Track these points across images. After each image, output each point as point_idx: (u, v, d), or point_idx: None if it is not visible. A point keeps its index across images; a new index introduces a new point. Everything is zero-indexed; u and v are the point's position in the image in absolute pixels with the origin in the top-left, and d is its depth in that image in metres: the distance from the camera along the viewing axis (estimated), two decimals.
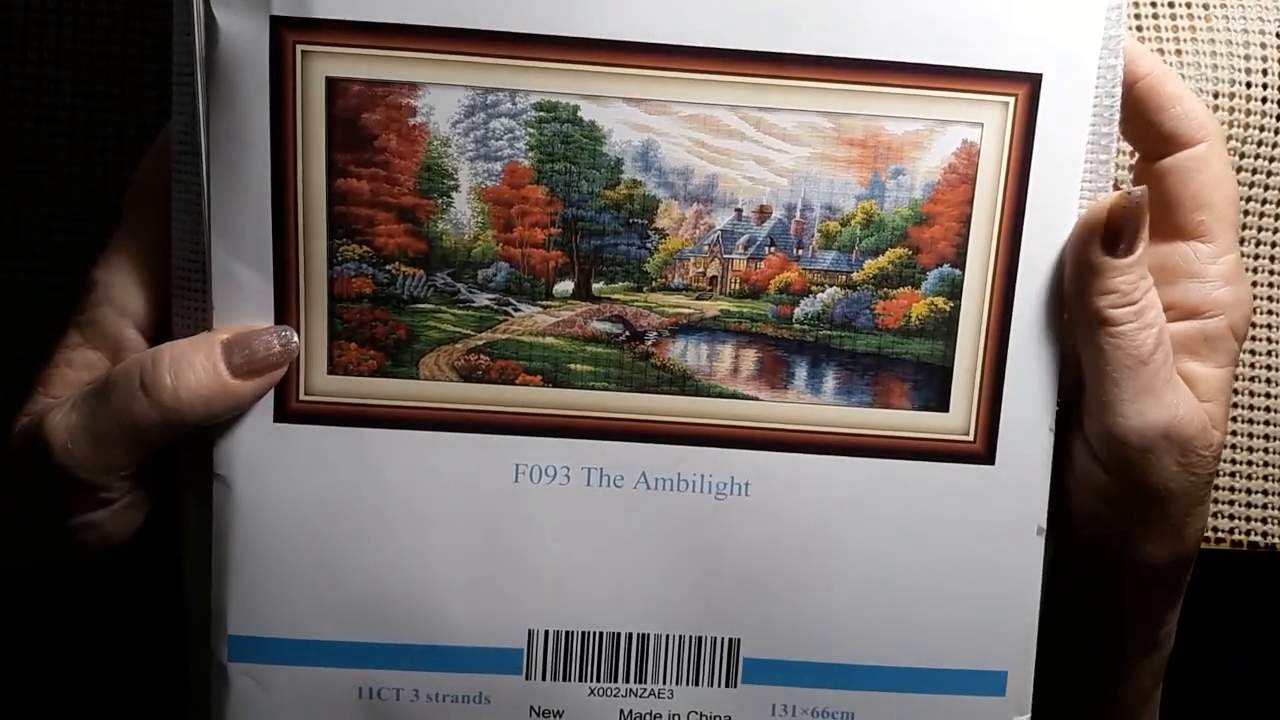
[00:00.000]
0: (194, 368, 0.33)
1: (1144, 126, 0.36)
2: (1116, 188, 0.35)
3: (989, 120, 0.34)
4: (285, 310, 0.35)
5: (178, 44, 0.34)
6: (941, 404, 0.36)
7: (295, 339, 0.34)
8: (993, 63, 0.34)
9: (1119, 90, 0.35)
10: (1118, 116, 0.35)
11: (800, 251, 0.35)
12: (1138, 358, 0.34)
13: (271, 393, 0.35)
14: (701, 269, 0.35)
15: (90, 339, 0.35)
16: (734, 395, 0.36)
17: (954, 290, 0.35)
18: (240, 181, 0.34)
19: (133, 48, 0.43)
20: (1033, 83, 0.34)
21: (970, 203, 0.35)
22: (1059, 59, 0.34)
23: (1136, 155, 0.42)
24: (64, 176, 0.43)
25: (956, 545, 0.36)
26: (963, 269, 0.35)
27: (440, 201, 0.34)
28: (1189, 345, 0.36)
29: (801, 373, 0.36)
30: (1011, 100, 0.34)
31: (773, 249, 0.35)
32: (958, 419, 0.36)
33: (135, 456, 0.34)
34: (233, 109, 0.33)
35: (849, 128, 0.34)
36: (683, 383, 0.36)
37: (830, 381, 0.36)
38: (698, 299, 0.35)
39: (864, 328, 0.35)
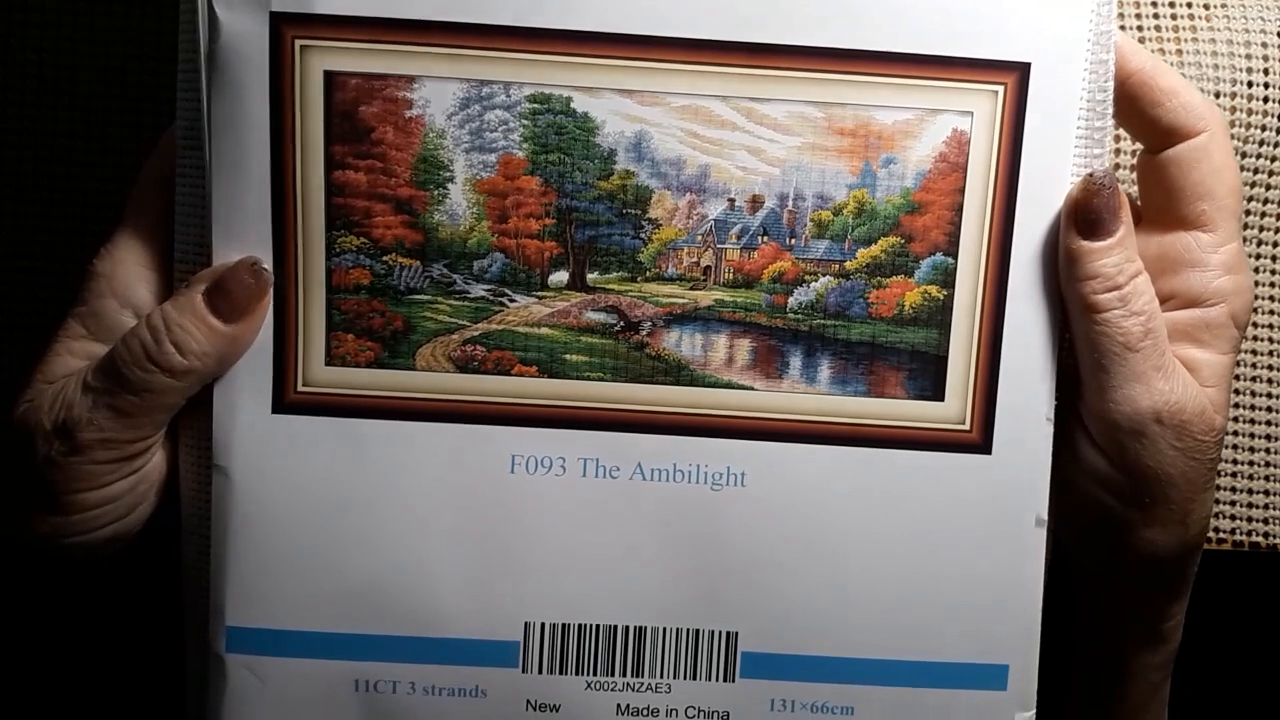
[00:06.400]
0: (189, 332, 0.34)
1: (1142, 121, 0.36)
2: None
3: (979, 109, 0.34)
4: (283, 301, 0.35)
5: (182, 41, 0.35)
6: (937, 393, 0.36)
7: (264, 265, 0.35)
8: (981, 52, 0.34)
9: (1111, 84, 0.35)
10: (1111, 110, 0.35)
11: (793, 241, 0.35)
12: (1125, 344, 0.34)
13: (270, 384, 0.35)
14: (695, 259, 0.36)
15: (93, 331, 0.36)
16: (729, 385, 0.36)
17: (947, 278, 0.35)
18: (241, 174, 0.34)
19: (132, 47, 0.43)
20: (1021, 72, 0.34)
21: (962, 191, 0.35)
22: (1047, 49, 0.34)
23: (1134, 147, 0.42)
24: (64, 176, 0.44)
25: (955, 536, 0.36)
26: (955, 257, 0.35)
27: (436, 193, 0.35)
28: (1190, 332, 0.36)
29: (796, 362, 0.36)
30: (1000, 89, 0.34)
31: (766, 238, 0.35)
32: (953, 408, 0.36)
33: (161, 420, 0.35)
34: (234, 103, 0.34)
35: (839, 117, 0.34)
36: (678, 373, 0.36)
37: (825, 371, 0.36)
38: (692, 289, 0.36)
39: (858, 317, 0.36)
